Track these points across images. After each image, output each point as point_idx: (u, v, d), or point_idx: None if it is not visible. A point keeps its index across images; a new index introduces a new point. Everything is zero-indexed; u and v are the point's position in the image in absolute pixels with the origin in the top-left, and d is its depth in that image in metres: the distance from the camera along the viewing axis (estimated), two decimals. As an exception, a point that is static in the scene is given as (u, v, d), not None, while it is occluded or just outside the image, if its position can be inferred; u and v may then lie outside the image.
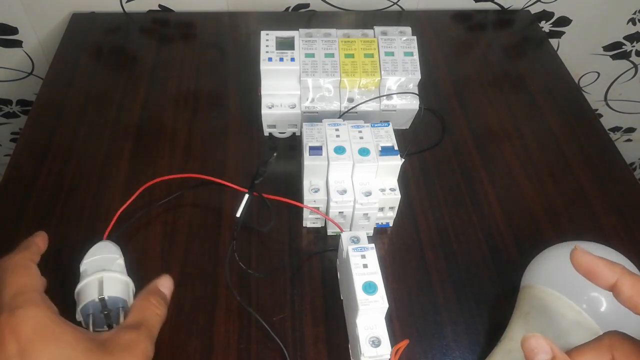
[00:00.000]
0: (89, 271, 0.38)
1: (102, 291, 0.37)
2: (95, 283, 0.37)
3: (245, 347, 0.39)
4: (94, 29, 0.67)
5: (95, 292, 0.37)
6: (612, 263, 0.28)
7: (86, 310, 0.37)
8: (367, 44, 0.51)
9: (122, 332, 0.32)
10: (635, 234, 0.48)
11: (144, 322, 0.34)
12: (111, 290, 0.37)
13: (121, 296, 0.37)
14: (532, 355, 0.26)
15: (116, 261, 0.40)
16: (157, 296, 0.36)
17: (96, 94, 0.58)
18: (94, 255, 0.40)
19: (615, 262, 0.28)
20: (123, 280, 0.39)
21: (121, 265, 0.40)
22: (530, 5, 0.75)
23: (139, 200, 0.47)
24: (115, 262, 0.40)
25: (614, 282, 0.27)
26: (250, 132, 0.55)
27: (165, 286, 0.38)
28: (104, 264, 0.39)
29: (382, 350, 0.34)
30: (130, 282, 0.39)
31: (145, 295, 0.36)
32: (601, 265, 0.28)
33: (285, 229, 0.47)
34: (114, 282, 0.38)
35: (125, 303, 0.38)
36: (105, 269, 0.39)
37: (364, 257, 0.37)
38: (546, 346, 0.26)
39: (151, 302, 0.35)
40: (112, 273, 0.38)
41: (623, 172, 0.54)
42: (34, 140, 0.53)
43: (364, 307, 0.34)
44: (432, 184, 0.51)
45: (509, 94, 0.62)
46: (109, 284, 0.37)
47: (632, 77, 0.89)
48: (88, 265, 0.39)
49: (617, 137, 1.03)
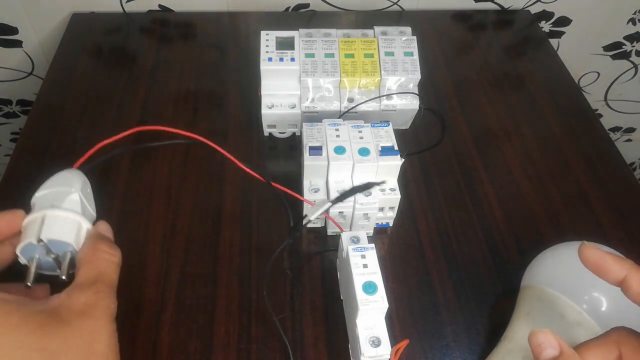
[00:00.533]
0: (37, 207, 0.33)
1: (41, 232, 0.31)
2: (37, 222, 0.31)
3: (245, 347, 0.39)
4: (94, 29, 0.67)
5: (34, 233, 0.31)
6: (621, 258, 0.28)
7: (28, 252, 0.31)
8: (367, 44, 0.51)
9: (75, 293, 0.28)
10: (635, 234, 0.48)
11: (99, 275, 0.30)
12: (53, 232, 0.31)
13: (66, 240, 0.31)
14: (540, 350, 0.26)
15: (69, 196, 0.33)
16: (105, 241, 0.32)
17: (96, 94, 0.58)
18: (50, 187, 0.34)
19: (623, 257, 0.28)
20: (70, 219, 0.32)
21: (75, 201, 0.33)
22: (530, 5, 0.75)
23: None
24: (68, 197, 0.33)
25: (622, 277, 0.27)
26: (250, 132, 0.55)
27: (107, 231, 0.34)
28: (54, 198, 0.33)
29: (382, 350, 0.34)
30: (85, 222, 0.33)
31: (92, 244, 0.31)
32: (610, 260, 0.28)
33: (285, 229, 0.47)
34: (58, 222, 0.31)
35: (74, 248, 0.32)
36: (53, 205, 0.32)
37: (364, 257, 0.37)
38: (554, 341, 0.26)
39: (101, 250, 0.31)
40: (57, 211, 0.32)
41: (623, 172, 0.54)
42: (34, 140, 0.53)
43: (364, 307, 0.34)
44: (432, 184, 0.51)
45: (509, 94, 0.62)
46: (50, 225, 0.31)
47: (632, 77, 0.89)
48: (38, 199, 0.33)
49: (617, 137, 1.03)
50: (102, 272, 0.30)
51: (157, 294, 0.42)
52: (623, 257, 0.28)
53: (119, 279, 0.31)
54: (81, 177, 0.36)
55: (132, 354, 0.39)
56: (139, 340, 0.39)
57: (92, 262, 0.30)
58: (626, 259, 0.28)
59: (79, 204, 0.33)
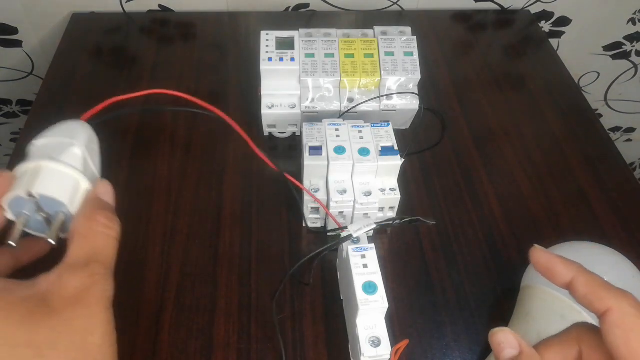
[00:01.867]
0: (33, 156, 0.29)
1: (34, 186, 0.26)
2: (30, 174, 0.27)
3: (245, 347, 0.39)
4: (94, 29, 0.67)
5: (25, 186, 0.26)
6: (569, 261, 0.28)
7: (17, 207, 0.27)
8: (367, 44, 0.51)
9: (67, 275, 0.24)
10: (635, 234, 0.48)
11: (94, 255, 0.25)
12: (46, 188, 0.27)
13: (59, 198, 0.27)
14: (500, 349, 0.26)
15: (71, 148, 0.29)
16: (104, 211, 0.27)
17: (96, 94, 0.58)
18: (52, 136, 0.30)
19: (572, 261, 0.28)
20: (68, 175, 0.28)
21: (76, 155, 0.29)
22: (530, 5, 0.75)
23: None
24: (69, 149, 0.29)
25: (569, 280, 0.27)
26: (250, 132, 0.54)
27: (107, 194, 0.29)
28: (54, 149, 0.29)
29: (382, 350, 0.34)
30: (84, 180, 0.29)
31: (89, 212, 0.27)
32: (558, 263, 0.28)
33: (285, 229, 0.47)
34: (53, 176, 0.27)
35: (68, 210, 0.27)
36: (51, 156, 0.28)
37: (364, 257, 0.37)
38: (514, 341, 0.26)
39: (98, 222, 0.26)
40: (54, 163, 0.28)
41: (623, 172, 0.54)
42: (34, 140, 0.53)
43: (364, 307, 0.34)
44: (432, 184, 0.51)
45: (509, 94, 0.62)
46: (44, 178, 0.27)
47: (632, 77, 0.89)
48: (36, 149, 0.29)
49: (617, 137, 1.03)
50: (98, 249, 0.26)
51: (157, 294, 0.42)
52: (571, 260, 0.28)
53: (119, 281, 0.27)
54: (88, 130, 0.32)
55: (132, 354, 0.39)
56: (139, 340, 0.39)
57: (86, 237, 0.26)
58: (574, 262, 0.28)
59: (81, 160, 0.29)
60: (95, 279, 0.24)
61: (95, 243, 0.26)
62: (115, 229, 0.27)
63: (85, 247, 0.26)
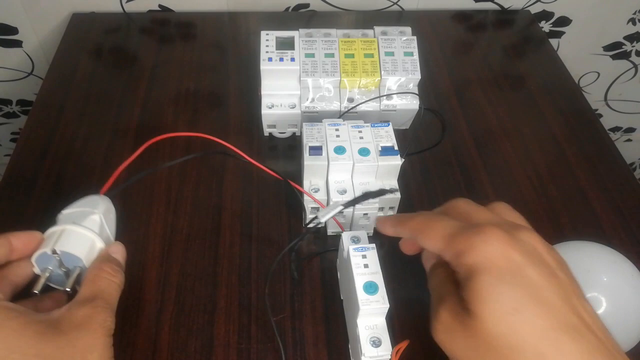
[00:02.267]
0: (60, 222, 0.35)
1: (57, 243, 0.33)
2: (56, 235, 0.33)
3: (245, 347, 0.39)
4: (94, 29, 0.67)
5: (50, 244, 0.33)
6: (401, 219, 0.33)
7: (43, 262, 0.33)
8: (367, 44, 0.51)
9: (75, 307, 0.30)
10: (635, 234, 0.48)
11: (99, 293, 0.31)
12: (67, 246, 0.33)
13: (77, 254, 0.33)
14: (379, 225, 0.34)
15: (90, 216, 0.35)
16: (110, 263, 0.33)
17: (96, 94, 0.58)
18: (76, 207, 0.36)
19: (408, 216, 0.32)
20: (86, 236, 0.34)
21: (95, 221, 0.35)
22: (530, 5, 0.75)
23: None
24: (89, 216, 0.35)
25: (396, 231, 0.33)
26: (250, 132, 0.55)
27: (118, 252, 0.35)
28: (77, 217, 0.35)
29: (383, 350, 0.34)
30: (99, 241, 0.35)
31: (98, 264, 0.33)
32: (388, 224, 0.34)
33: (285, 229, 0.47)
34: (74, 237, 0.34)
35: (84, 264, 0.34)
36: (75, 222, 0.34)
37: (364, 257, 0.37)
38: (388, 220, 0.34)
39: (104, 271, 0.33)
40: (75, 227, 0.34)
41: (623, 172, 0.54)
42: (34, 140, 0.53)
43: (364, 307, 0.34)
44: (432, 184, 0.51)
45: (509, 94, 0.62)
46: (67, 238, 0.33)
47: (632, 77, 0.89)
48: (63, 216, 0.35)
49: (617, 137, 1.03)
50: (102, 290, 0.32)
51: (157, 294, 0.42)
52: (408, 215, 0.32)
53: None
54: (107, 202, 0.38)
55: (132, 354, 0.39)
56: (139, 340, 0.39)
57: (93, 281, 0.32)
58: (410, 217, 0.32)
59: (98, 225, 0.35)
60: (97, 310, 0.30)
61: (100, 285, 0.32)
62: (118, 277, 0.33)
63: (92, 287, 0.31)
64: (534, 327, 0.24)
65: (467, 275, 0.26)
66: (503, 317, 0.24)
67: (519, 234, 0.27)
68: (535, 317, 0.24)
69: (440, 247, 0.29)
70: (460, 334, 0.26)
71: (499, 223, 0.28)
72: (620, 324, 0.35)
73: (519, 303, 0.25)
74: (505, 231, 0.27)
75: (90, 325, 0.29)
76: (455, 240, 0.28)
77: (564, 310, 0.25)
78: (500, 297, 0.25)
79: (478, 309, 0.25)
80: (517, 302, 0.25)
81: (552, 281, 0.26)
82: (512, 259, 0.26)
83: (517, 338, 0.24)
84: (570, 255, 0.39)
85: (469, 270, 0.26)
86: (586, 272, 0.37)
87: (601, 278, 0.36)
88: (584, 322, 0.25)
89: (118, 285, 0.33)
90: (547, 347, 0.24)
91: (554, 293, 0.25)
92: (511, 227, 0.28)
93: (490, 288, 0.25)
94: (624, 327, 0.36)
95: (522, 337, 0.24)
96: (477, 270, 0.26)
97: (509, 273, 0.25)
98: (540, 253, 0.27)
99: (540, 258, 0.27)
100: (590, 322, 0.25)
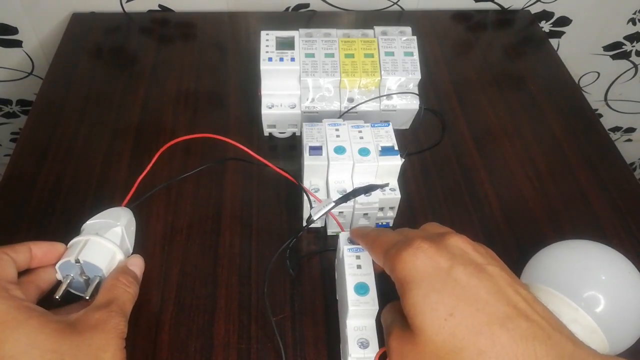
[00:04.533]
0: (84, 232, 0.37)
1: (80, 253, 0.35)
2: (80, 244, 0.36)
3: (246, 347, 0.39)
4: (94, 29, 0.67)
5: (74, 253, 0.35)
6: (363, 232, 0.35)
7: (65, 269, 0.36)
8: (367, 44, 0.51)
9: (91, 311, 0.32)
10: (635, 234, 0.48)
11: (114, 299, 0.34)
12: (89, 256, 0.35)
13: (98, 265, 0.36)
14: (351, 235, 0.37)
15: (113, 228, 0.38)
16: (126, 275, 0.36)
17: (96, 94, 0.58)
18: (100, 218, 0.39)
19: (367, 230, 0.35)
20: (107, 247, 0.37)
21: (117, 233, 0.38)
22: (530, 5, 0.75)
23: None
24: (112, 229, 0.38)
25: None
26: (250, 132, 0.55)
27: (136, 265, 0.38)
28: (101, 227, 0.38)
29: (370, 352, 0.34)
30: (120, 253, 0.38)
31: (115, 274, 0.36)
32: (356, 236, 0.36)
33: (285, 229, 0.47)
34: (96, 247, 0.36)
35: (103, 274, 0.36)
36: (98, 233, 0.37)
37: (358, 257, 0.36)
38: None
39: (120, 281, 0.35)
40: (98, 238, 0.36)
41: (623, 172, 0.54)
42: (34, 140, 0.53)
43: (354, 308, 0.34)
44: (432, 184, 0.51)
45: (509, 94, 0.62)
46: (90, 249, 0.36)
47: (632, 77, 0.89)
48: (87, 226, 0.38)
49: (617, 137, 1.03)
50: (117, 297, 0.34)
51: (157, 294, 0.42)
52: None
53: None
54: (129, 215, 0.41)
55: (132, 354, 0.39)
56: (139, 340, 0.39)
57: (110, 290, 0.35)
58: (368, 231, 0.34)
59: (119, 237, 0.38)
60: (112, 315, 0.32)
61: (116, 293, 0.34)
62: (133, 288, 0.36)
63: (107, 295, 0.34)
64: (469, 326, 0.25)
65: (401, 290, 0.27)
66: (441, 325, 0.25)
67: (444, 241, 0.28)
68: (469, 317, 0.25)
69: (382, 261, 0.30)
70: (412, 355, 0.26)
71: (425, 235, 0.29)
72: (619, 322, 0.35)
73: (452, 307, 0.25)
74: (431, 240, 0.28)
75: (105, 327, 0.31)
76: (389, 255, 0.29)
77: (496, 303, 0.25)
78: (434, 305, 0.26)
79: (418, 322, 0.26)
80: (450, 307, 0.25)
81: (481, 277, 0.26)
82: (439, 266, 0.27)
83: (458, 341, 0.25)
84: (569, 254, 0.39)
85: (402, 284, 0.27)
86: (584, 270, 0.37)
87: (599, 276, 0.36)
88: (517, 309, 0.25)
89: (132, 295, 0.35)
90: (484, 342, 0.24)
91: (484, 289, 0.26)
92: (437, 236, 0.29)
93: (423, 299, 0.26)
94: (623, 326, 0.36)
95: (461, 339, 0.25)
96: (409, 283, 0.27)
97: (438, 280, 0.26)
98: (467, 252, 0.28)
99: (467, 258, 0.28)
100: (525, 307, 0.25)
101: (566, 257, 0.38)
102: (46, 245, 0.36)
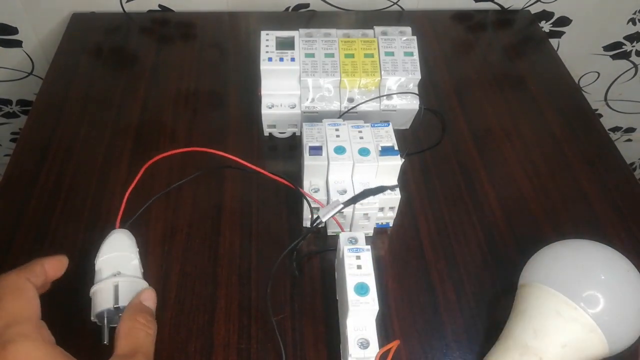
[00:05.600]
0: (104, 272, 0.38)
1: (118, 300, 0.36)
2: (111, 289, 0.37)
3: (246, 347, 0.39)
4: (94, 29, 0.67)
5: (110, 300, 0.36)
6: None
7: (101, 314, 0.36)
8: (367, 44, 0.51)
9: None
10: (635, 234, 0.48)
11: (139, 347, 0.32)
12: (126, 300, 0.36)
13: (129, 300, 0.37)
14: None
15: (132, 262, 0.39)
16: (143, 314, 0.35)
17: (96, 94, 0.58)
18: (110, 251, 0.39)
19: None
20: (139, 283, 0.38)
21: (136, 266, 0.39)
22: (530, 5, 0.75)
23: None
24: (131, 262, 0.39)
25: None
26: (250, 132, 0.55)
27: (150, 299, 0.36)
28: (119, 263, 0.38)
29: (371, 352, 0.34)
30: (144, 283, 0.39)
31: (132, 314, 0.34)
32: None
33: (285, 229, 0.47)
34: (128, 288, 0.37)
35: None
36: (120, 271, 0.38)
37: (358, 257, 0.36)
38: None
39: (139, 322, 0.34)
40: (128, 278, 0.38)
41: (623, 172, 0.54)
42: (34, 140, 0.53)
43: (354, 308, 0.34)
44: (432, 184, 0.51)
45: (509, 94, 0.62)
46: (124, 292, 0.37)
47: (632, 77, 0.89)
48: (103, 264, 0.38)
49: (617, 137, 1.03)
50: (140, 343, 0.33)
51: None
52: None
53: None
54: (130, 237, 0.41)
55: (132, 354, 0.39)
56: (139, 340, 0.39)
57: (130, 335, 0.33)
58: None
59: (138, 268, 0.39)
60: None
61: (138, 339, 0.33)
62: (153, 327, 0.34)
63: (130, 342, 0.32)
64: None
65: None
66: None
67: None
68: None
69: None
70: None
71: None
72: (618, 322, 0.35)
73: None
74: None
75: None
76: None
77: None
78: None
79: None
80: None
81: None
82: None
83: None
84: (569, 253, 0.39)
85: None
86: (584, 270, 0.37)
87: (599, 276, 0.36)
88: None
89: (153, 336, 0.34)
90: None
91: None
92: None
93: None
94: (622, 325, 0.36)
95: None
96: None
97: None
98: None
99: None
100: None
101: (566, 257, 0.38)
102: (54, 260, 0.35)
